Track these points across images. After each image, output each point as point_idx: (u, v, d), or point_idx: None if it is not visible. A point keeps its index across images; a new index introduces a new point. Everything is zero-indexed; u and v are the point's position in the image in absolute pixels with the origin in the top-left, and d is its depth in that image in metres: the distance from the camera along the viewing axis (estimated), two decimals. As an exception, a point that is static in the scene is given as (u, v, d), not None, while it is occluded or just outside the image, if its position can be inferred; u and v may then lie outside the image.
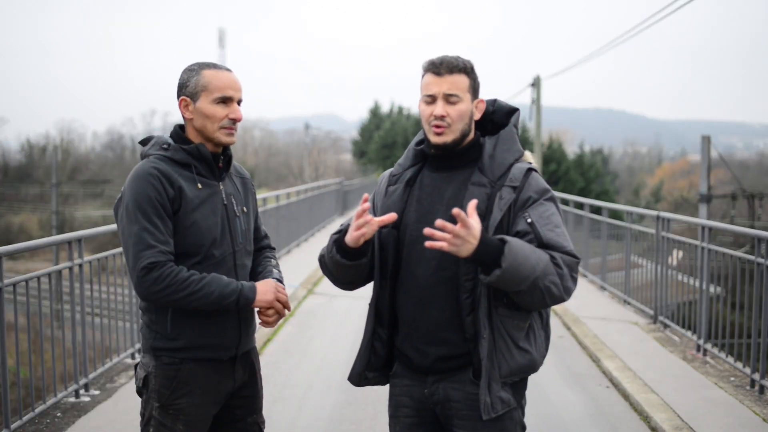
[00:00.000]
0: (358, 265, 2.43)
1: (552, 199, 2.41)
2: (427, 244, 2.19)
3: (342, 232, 2.44)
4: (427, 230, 2.19)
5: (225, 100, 2.59)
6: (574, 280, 2.34)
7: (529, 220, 2.34)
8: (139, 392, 2.64)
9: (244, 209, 2.73)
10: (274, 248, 2.97)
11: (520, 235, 2.33)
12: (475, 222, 2.19)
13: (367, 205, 2.28)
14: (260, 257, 2.85)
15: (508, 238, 2.24)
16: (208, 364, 2.60)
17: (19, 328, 5.57)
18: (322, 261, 2.53)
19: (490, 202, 2.37)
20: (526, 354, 2.38)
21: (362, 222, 2.30)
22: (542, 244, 2.31)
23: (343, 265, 2.43)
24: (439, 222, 2.18)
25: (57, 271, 4.95)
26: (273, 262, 2.84)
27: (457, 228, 2.16)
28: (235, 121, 2.62)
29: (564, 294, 2.31)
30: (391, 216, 2.32)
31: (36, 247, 4.67)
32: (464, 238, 2.17)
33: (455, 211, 2.16)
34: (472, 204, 2.22)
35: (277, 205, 12.70)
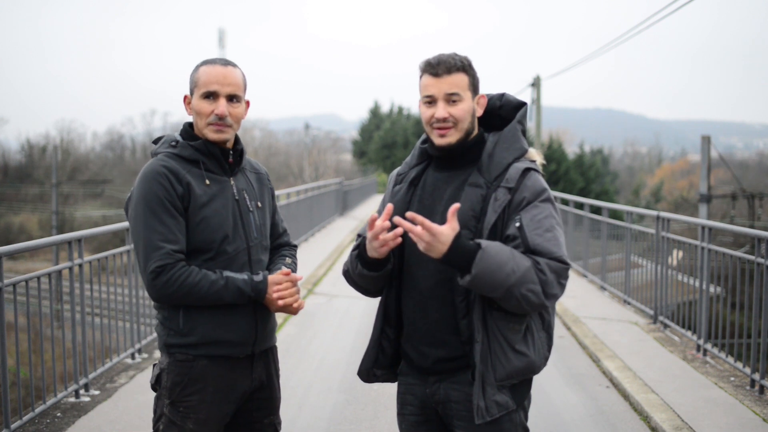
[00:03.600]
0: (385, 273, 2.43)
1: (548, 200, 2.35)
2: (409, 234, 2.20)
3: (361, 246, 2.42)
4: (396, 219, 2.20)
5: (209, 95, 2.53)
6: (562, 286, 2.28)
7: (518, 224, 2.29)
8: (154, 389, 2.61)
9: (259, 204, 2.68)
10: (295, 245, 2.90)
11: (509, 238, 2.29)
12: (447, 228, 2.18)
13: (387, 223, 2.26)
14: (276, 256, 2.79)
15: (486, 243, 2.21)
16: (224, 362, 2.55)
17: (19, 328, 5.57)
18: (348, 276, 2.53)
19: (485, 203, 2.33)
20: (523, 357, 2.34)
21: (389, 237, 2.26)
22: (529, 250, 2.26)
23: (371, 277, 2.43)
24: (409, 214, 2.19)
25: (57, 271, 4.95)
26: (287, 260, 2.77)
27: (419, 230, 2.16)
28: (220, 117, 2.52)
29: (546, 301, 2.25)
30: (388, 208, 2.28)
31: (36, 247, 4.66)
32: (429, 243, 2.17)
33: (410, 215, 2.18)
34: (453, 209, 2.20)
35: (277, 205, 12.68)
